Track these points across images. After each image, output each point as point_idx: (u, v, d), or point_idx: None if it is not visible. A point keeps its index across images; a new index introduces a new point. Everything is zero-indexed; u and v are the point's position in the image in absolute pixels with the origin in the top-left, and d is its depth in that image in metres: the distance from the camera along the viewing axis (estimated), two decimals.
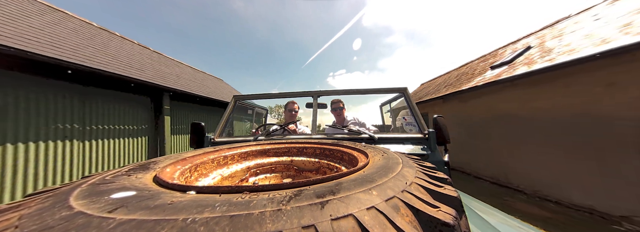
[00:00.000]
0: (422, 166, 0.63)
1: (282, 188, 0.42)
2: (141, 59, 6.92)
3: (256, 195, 0.39)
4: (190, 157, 0.83)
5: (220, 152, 0.98)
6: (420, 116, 1.65)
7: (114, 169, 0.67)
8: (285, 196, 0.37)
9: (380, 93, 1.95)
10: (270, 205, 0.34)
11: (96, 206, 0.35)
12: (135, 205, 0.35)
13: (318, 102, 1.86)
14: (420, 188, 0.45)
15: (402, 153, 0.82)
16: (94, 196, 0.41)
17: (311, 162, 1.06)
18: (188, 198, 0.38)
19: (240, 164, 1.03)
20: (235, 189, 0.42)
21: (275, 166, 1.08)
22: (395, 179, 0.47)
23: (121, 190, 0.44)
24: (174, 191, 0.45)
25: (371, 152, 0.81)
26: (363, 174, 0.50)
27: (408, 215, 0.34)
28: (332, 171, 0.96)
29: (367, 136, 1.53)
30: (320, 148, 1.07)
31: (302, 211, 0.32)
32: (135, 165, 0.72)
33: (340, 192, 0.38)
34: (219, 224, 0.29)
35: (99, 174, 0.61)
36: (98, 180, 0.53)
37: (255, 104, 2.89)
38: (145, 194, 0.42)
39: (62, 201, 0.39)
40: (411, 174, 0.52)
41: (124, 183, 0.50)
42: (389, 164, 0.59)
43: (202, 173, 0.85)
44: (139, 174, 0.59)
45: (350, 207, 0.33)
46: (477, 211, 0.92)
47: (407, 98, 1.79)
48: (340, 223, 0.30)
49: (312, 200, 0.35)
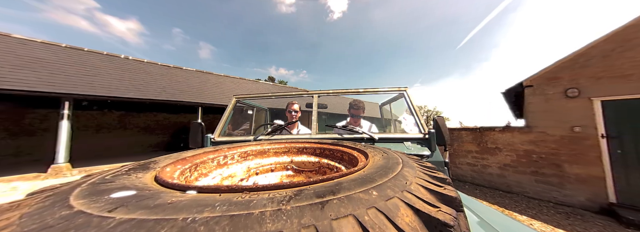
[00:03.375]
0: (422, 166, 0.63)
1: (282, 188, 0.42)
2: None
3: (256, 195, 0.38)
4: (190, 157, 0.83)
5: (220, 151, 0.98)
6: (420, 116, 1.65)
7: (114, 169, 0.67)
8: (285, 196, 0.37)
9: (380, 93, 1.95)
10: (270, 205, 0.34)
11: (96, 205, 0.35)
12: (135, 204, 0.35)
13: (318, 102, 1.86)
14: (420, 188, 0.45)
15: (402, 153, 0.82)
16: (94, 196, 0.41)
17: (311, 162, 1.06)
18: (188, 198, 0.38)
19: (241, 164, 1.03)
20: (235, 189, 0.42)
21: (275, 165, 1.08)
22: (395, 179, 0.47)
23: (121, 189, 0.44)
24: (174, 190, 0.45)
25: (371, 152, 0.81)
26: (363, 174, 0.50)
27: (408, 215, 0.34)
28: (332, 171, 0.96)
29: (368, 136, 1.53)
30: (320, 148, 1.07)
31: (302, 210, 0.32)
32: (135, 164, 0.72)
33: (340, 192, 0.38)
34: (219, 224, 0.29)
35: (99, 174, 0.60)
36: (98, 179, 0.53)
37: (256, 104, 2.89)
38: (145, 193, 0.42)
39: (62, 200, 0.39)
40: (411, 174, 0.52)
41: (123, 183, 0.50)
42: (389, 164, 0.59)
43: (202, 173, 0.85)
44: (139, 174, 0.59)
45: (351, 207, 0.33)
46: (477, 211, 0.92)
47: (407, 98, 1.79)
48: (341, 223, 0.30)
49: (312, 200, 0.35)
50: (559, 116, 4.34)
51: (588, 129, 4.00)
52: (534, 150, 4.63)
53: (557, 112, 4.37)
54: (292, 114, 2.31)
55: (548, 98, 4.51)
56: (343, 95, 1.91)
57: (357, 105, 2.26)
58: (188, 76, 10.87)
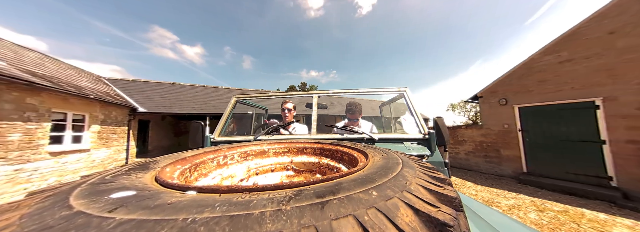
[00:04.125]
0: (422, 166, 0.63)
1: (282, 188, 0.42)
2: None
3: (256, 195, 0.38)
4: (190, 157, 0.83)
5: (220, 152, 0.98)
6: (420, 117, 1.65)
7: (114, 169, 0.66)
8: (285, 196, 0.37)
9: (380, 93, 1.95)
10: (270, 205, 0.34)
11: (96, 206, 0.35)
12: (135, 205, 0.35)
13: (318, 102, 1.86)
14: (420, 188, 0.45)
15: (402, 153, 0.82)
16: (94, 196, 0.41)
17: (311, 162, 1.06)
18: (188, 198, 0.38)
19: (240, 164, 1.03)
20: (235, 189, 0.42)
21: (275, 165, 1.08)
22: (395, 179, 0.47)
23: (121, 190, 0.44)
24: (174, 190, 0.45)
25: (371, 152, 0.81)
26: (363, 174, 0.50)
27: (408, 215, 0.34)
28: (332, 171, 0.96)
29: (368, 136, 1.52)
30: (320, 148, 1.07)
31: (302, 211, 0.32)
32: (135, 164, 0.72)
33: (340, 192, 0.38)
34: (219, 224, 0.29)
35: (98, 174, 0.60)
36: (98, 180, 0.53)
37: (255, 104, 2.89)
38: (145, 193, 0.42)
39: (62, 200, 0.39)
40: (411, 174, 0.52)
41: (123, 183, 0.50)
42: (389, 164, 0.59)
43: (202, 173, 0.85)
44: (139, 174, 0.59)
45: (351, 207, 0.33)
46: (477, 211, 0.92)
47: (407, 98, 1.79)
48: (341, 223, 0.30)
49: (312, 200, 0.35)
50: (497, 117, 6.64)
51: (512, 126, 6.29)
52: (484, 140, 6.98)
53: (496, 115, 6.68)
54: (285, 113, 2.32)
55: (491, 105, 6.87)
56: (342, 95, 1.91)
57: (352, 109, 2.22)
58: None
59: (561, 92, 5.25)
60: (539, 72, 5.65)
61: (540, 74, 5.63)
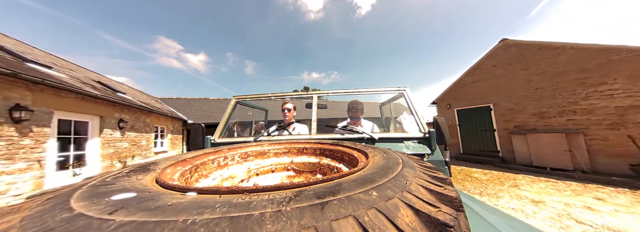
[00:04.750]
0: (422, 166, 0.63)
1: (282, 189, 0.42)
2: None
3: (256, 196, 0.39)
4: (190, 158, 0.83)
5: (221, 153, 0.98)
6: (420, 116, 1.64)
7: (115, 171, 0.67)
8: (285, 197, 0.37)
9: (380, 93, 1.95)
10: (270, 206, 0.34)
11: (97, 208, 0.36)
12: (135, 206, 0.35)
13: (318, 102, 1.86)
14: (420, 188, 0.45)
15: (402, 153, 0.82)
16: (95, 198, 0.41)
17: (311, 163, 1.06)
18: (188, 199, 0.38)
19: (241, 165, 1.03)
20: (235, 190, 0.42)
21: (275, 166, 1.08)
22: (395, 179, 0.47)
23: (121, 191, 0.44)
24: (175, 192, 0.45)
25: (371, 152, 0.81)
26: (363, 175, 0.50)
27: (408, 215, 0.34)
28: (332, 171, 0.96)
29: (368, 135, 1.52)
30: (320, 148, 1.07)
31: (302, 211, 0.32)
32: (136, 166, 0.72)
33: (340, 193, 0.38)
34: (219, 225, 0.29)
35: (99, 176, 0.61)
36: (98, 181, 0.53)
37: (255, 104, 2.89)
38: (146, 195, 0.42)
39: (63, 202, 0.39)
40: (411, 174, 0.52)
41: (124, 185, 0.50)
42: (389, 164, 0.59)
43: (203, 174, 0.85)
44: (140, 176, 0.59)
45: (351, 207, 0.33)
46: (477, 211, 0.92)
47: (407, 98, 1.79)
48: (341, 224, 0.30)
49: (312, 201, 0.35)
50: (448, 117, 9.52)
51: (454, 122, 9.57)
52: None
53: (447, 116, 9.65)
54: (285, 113, 2.32)
55: (442, 108, 10.32)
56: (342, 95, 1.91)
57: (355, 107, 2.23)
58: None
59: (475, 100, 8.80)
60: (464, 87, 9.26)
61: (464, 89, 9.23)
